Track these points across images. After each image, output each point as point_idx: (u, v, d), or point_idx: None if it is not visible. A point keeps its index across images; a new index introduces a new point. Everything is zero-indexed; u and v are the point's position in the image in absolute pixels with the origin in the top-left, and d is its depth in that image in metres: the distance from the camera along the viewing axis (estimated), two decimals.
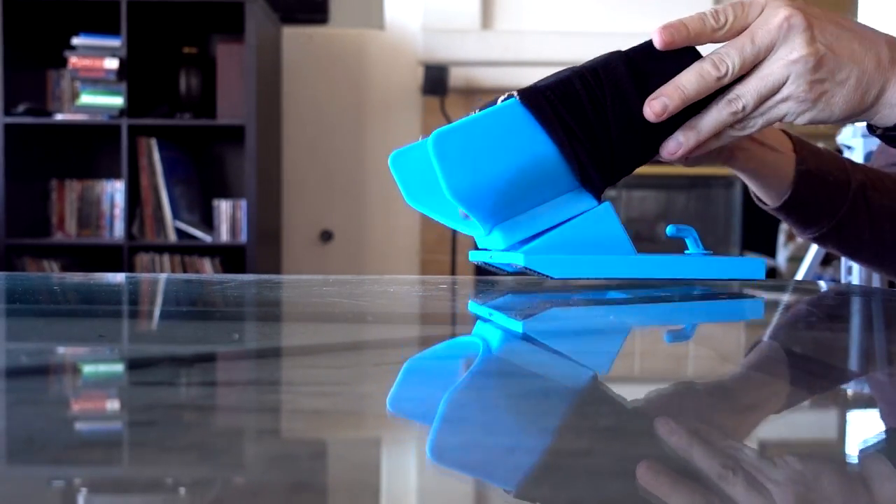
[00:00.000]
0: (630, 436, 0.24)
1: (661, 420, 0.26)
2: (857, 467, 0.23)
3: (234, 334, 0.44)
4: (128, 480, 0.20)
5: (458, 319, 0.54)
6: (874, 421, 0.29)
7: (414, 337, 0.46)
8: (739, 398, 0.30)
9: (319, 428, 0.25)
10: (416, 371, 0.34)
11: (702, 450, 0.23)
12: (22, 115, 2.68)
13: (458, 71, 3.09)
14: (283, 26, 3.14)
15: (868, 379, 0.35)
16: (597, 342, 0.42)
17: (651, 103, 0.55)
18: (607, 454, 0.22)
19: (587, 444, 0.23)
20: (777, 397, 0.31)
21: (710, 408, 0.29)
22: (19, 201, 2.74)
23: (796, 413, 0.29)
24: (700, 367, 0.37)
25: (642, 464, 0.20)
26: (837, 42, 0.56)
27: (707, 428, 0.26)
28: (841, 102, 0.56)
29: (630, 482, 0.20)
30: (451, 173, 0.54)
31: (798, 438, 0.26)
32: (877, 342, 0.45)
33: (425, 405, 0.28)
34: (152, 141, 2.78)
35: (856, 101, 0.57)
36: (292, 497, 0.19)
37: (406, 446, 0.24)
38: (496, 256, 0.60)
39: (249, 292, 0.62)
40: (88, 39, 2.69)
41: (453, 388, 0.31)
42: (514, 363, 0.37)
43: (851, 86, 0.56)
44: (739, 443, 0.25)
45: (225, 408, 0.28)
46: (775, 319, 0.55)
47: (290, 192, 3.19)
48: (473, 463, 0.22)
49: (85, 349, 0.38)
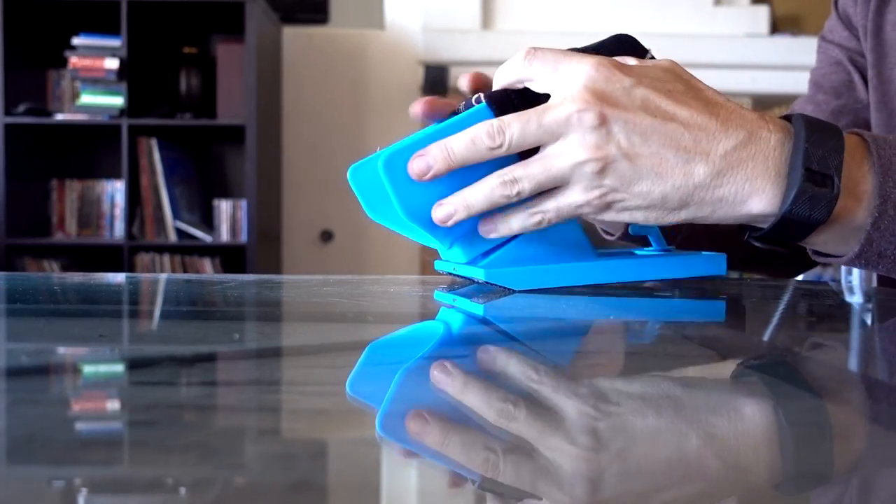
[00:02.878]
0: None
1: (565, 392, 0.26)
2: (651, 419, 0.23)
3: (235, 334, 0.44)
4: (128, 480, 0.20)
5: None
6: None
7: (414, 337, 0.46)
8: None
9: (319, 428, 0.25)
10: (378, 353, 0.34)
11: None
12: (22, 115, 2.68)
13: (458, 71, 3.09)
14: (283, 26, 3.14)
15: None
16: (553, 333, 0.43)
17: (416, 161, 0.50)
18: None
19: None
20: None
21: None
22: (19, 201, 2.74)
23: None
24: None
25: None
26: (644, 147, 0.47)
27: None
28: (641, 216, 0.50)
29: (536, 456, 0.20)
30: (404, 193, 0.51)
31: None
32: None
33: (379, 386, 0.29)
34: (152, 141, 2.78)
35: (664, 215, 0.49)
36: (292, 497, 0.19)
37: (406, 446, 0.24)
38: (459, 269, 0.58)
39: (249, 292, 0.62)
40: (88, 39, 2.69)
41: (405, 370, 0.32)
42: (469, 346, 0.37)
43: (654, 200, 0.48)
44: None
45: (225, 408, 0.28)
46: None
47: (290, 192, 3.19)
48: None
49: (85, 349, 0.38)
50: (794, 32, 3.21)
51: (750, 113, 0.50)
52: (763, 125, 0.49)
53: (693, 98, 0.49)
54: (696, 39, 3.07)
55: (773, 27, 3.19)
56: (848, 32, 0.80)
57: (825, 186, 0.48)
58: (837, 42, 0.81)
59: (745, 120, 0.49)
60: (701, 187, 0.48)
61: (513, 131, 0.48)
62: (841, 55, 0.80)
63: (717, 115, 0.49)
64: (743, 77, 3.09)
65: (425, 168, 0.49)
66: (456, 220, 0.51)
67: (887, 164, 0.49)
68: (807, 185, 0.47)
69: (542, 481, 0.20)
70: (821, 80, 0.82)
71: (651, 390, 0.30)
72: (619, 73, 0.48)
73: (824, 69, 0.82)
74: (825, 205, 0.48)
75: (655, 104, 0.48)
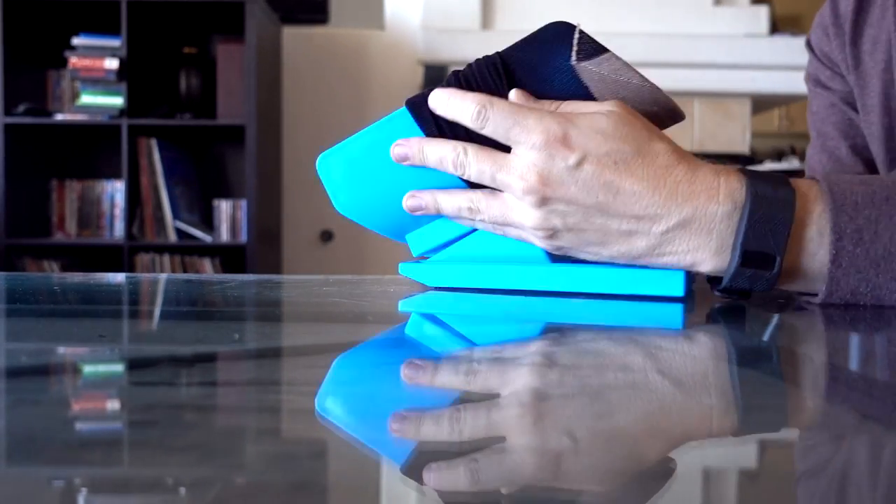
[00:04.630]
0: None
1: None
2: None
3: (235, 334, 0.44)
4: (128, 480, 0.20)
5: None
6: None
7: (414, 337, 0.46)
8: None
9: (319, 428, 0.25)
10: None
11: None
12: (22, 115, 2.68)
13: None
14: (283, 26, 3.14)
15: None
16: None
17: (395, 150, 0.54)
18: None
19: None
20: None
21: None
22: (19, 201, 2.74)
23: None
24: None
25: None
26: (585, 223, 0.50)
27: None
28: (598, 259, 0.53)
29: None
30: (339, 191, 0.56)
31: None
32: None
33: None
34: (152, 141, 2.78)
35: (621, 261, 0.52)
36: (292, 497, 0.19)
37: (406, 446, 0.24)
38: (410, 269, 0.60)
39: (249, 292, 0.62)
40: (88, 39, 2.69)
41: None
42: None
43: (604, 258, 0.52)
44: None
45: (225, 408, 0.28)
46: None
47: (290, 192, 3.19)
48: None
49: (85, 349, 0.38)
50: (794, 32, 3.21)
51: (702, 180, 0.49)
52: (711, 197, 0.49)
53: (641, 166, 0.49)
54: (695, 39, 3.07)
55: (772, 27, 3.19)
56: (830, 72, 0.79)
57: (765, 267, 0.48)
58: (825, 85, 0.80)
59: (692, 193, 0.49)
60: (644, 256, 0.51)
61: (472, 167, 0.52)
62: (833, 98, 0.80)
63: (663, 188, 0.49)
64: (742, 77, 3.09)
65: (402, 156, 0.54)
66: (422, 213, 0.55)
67: (840, 201, 0.49)
68: (742, 270, 0.49)
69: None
70: (822, 127, 0.81)
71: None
72: (564, 150, 0.49)
73: (822, 114, 0.81)
74: (765, 281, 0.49)
75: (600, 181, 0.50)
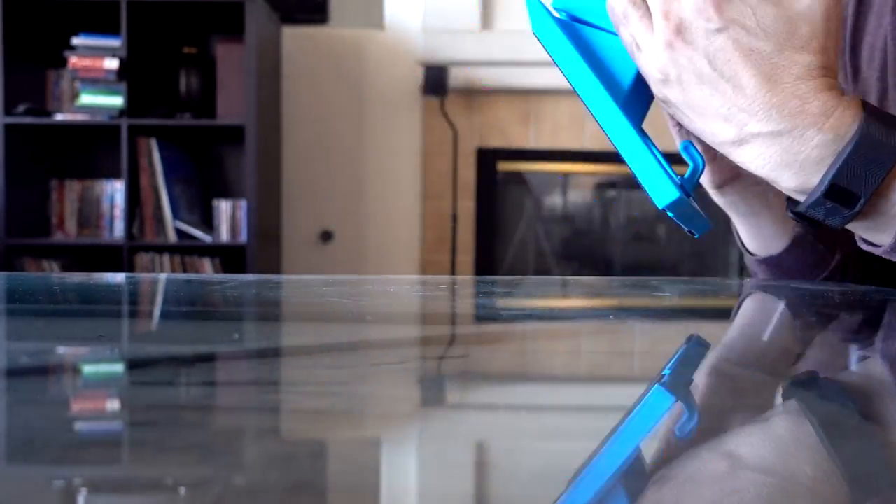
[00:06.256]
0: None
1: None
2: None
3: (235, 334, 0.44)
4: (128, 480, 0.20)
5: (458, 320, 0.54)
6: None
7: (413, 337, 0.46)
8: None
9: (319, 428, 0.25)
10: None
11: None
12: (22, 115, 2.68)
13: (458, 71, 3.09)
14: (283, 26, 3.14)
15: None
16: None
17: None
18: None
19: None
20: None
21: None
22: (19, 201, 2.74)
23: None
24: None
25: None
26: (695, 87, 0.49)
27: None
28: (691, 127, 0.51)
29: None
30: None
31: None
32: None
33: None
34: (152, 141, 2.78)
35: (708, 139, 0.51)
36: (292, 497, 0.19)
37: (406, 446, 0.24)
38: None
39: (249, 292, 0.62)
40: (88, 39, 2.69)
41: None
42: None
43: (695, 129, 0.51)
44: None
45: (225, 408, 0.28)
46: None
47: (290, 192, 3.19)
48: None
49: (85, 349, 0.38)
50: None
51: (819, 104, 0.47)
52: (815, 122, 0.47)
53: (771, 66, 0.48)
54: None
55: None
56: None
57: (846, 204, 0.47)
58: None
59: (800, 111, 0.47)
60: (727, 146, 0.49)
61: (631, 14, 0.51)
62: None
63: (775, 95, 0.48)
64: None
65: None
66: None
67: None
68: (823, 200, 0.47)
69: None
70: None
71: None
72: (714, 12, 0.48)
73: None
74: (841, 218, 0.47)
75: (725, 58, 0.48)
